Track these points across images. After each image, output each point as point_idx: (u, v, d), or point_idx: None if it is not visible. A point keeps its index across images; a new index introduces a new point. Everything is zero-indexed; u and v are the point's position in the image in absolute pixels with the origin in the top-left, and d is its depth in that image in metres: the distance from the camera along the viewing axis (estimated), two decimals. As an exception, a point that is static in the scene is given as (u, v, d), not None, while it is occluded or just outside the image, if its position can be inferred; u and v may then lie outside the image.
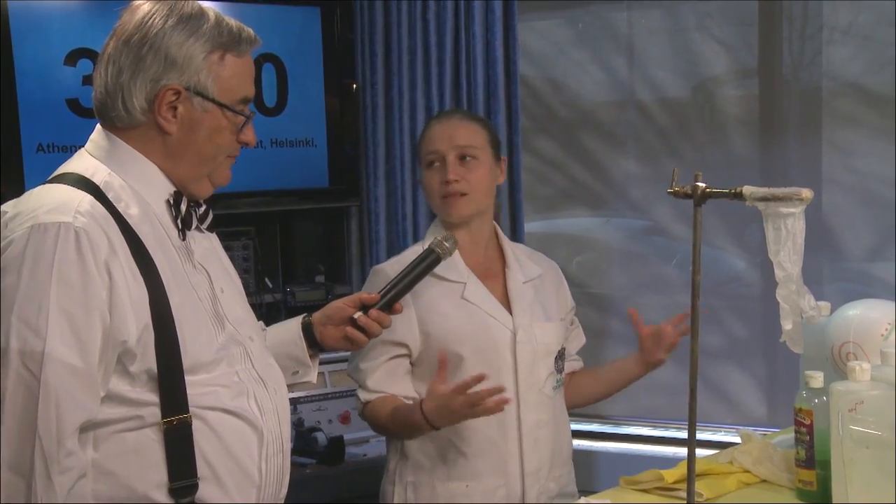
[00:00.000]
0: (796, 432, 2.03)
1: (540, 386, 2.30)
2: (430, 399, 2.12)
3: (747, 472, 2.15)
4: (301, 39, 3.51)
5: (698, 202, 1.47)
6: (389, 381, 2.27)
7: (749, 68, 3.64)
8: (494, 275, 2.36)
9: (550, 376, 2.34)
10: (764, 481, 2.13)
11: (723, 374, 3.74)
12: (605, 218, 3.90)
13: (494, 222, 2.43)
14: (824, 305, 2.54)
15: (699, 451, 3.47)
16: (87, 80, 3.10)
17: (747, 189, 1.43)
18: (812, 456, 2.00)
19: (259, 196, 3.44)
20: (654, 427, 3.70)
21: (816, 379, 2.04)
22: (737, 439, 3.61)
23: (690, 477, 1.45)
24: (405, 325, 2.24)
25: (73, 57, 3.13)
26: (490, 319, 2.27)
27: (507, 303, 2.33)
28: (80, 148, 3.16)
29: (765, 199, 1.41)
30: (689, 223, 3.67)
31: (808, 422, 2.01)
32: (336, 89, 3.59)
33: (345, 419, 3.17)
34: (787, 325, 1.44)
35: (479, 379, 2.04)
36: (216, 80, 1.65)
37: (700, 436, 3.68)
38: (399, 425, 2.23)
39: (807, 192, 1.40)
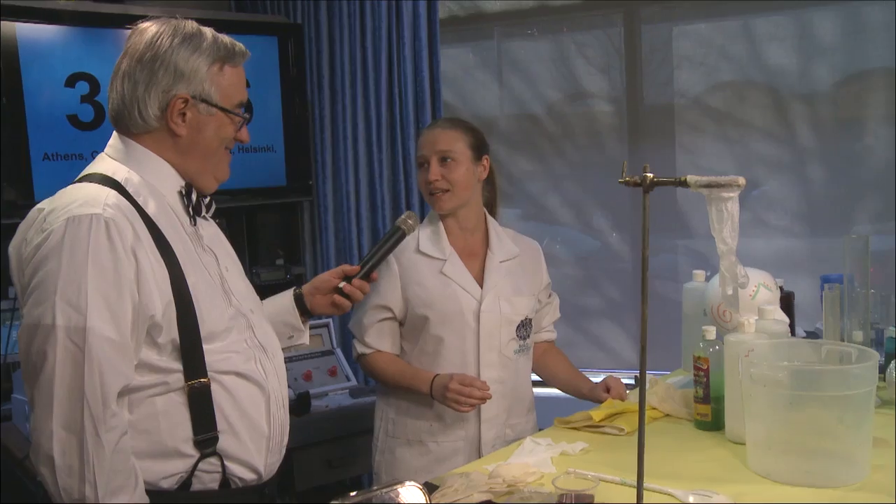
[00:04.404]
0: (695, 375, 2.03)
1: (500, 349, 2.23)
2: (439, 378, 2.12)
3: (654, 409, 2.12)
4: (262, 64, 3.37)
5: (647, 190, 1.40)
6: (381, 339, 2.25)
7: (618, 87, 3.67)
8: (475, 254, 2.28)
9: (512, 341, 2.25)
10: (668, 416, 2.12)
11: (600, 328, 3.75)
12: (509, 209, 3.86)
13: (485, 210, 2.34)
14: (700, 273, 2.54)
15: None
16: (85, 99, 2.98)
17: (692, 178, 1.37)
18: (708, 394, 2.00)
19: (229, 194, 3.27)
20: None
21: (711, 332, 2.04)
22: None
23: (641, 413, 1.38)
24: (392, 291, 2.22)
25: (72, 80, 2.96)
26: (460, 291, 2.20)
27: (481, 278, 2.25)
28: (79, 156, 2.96)
29: (709, 185, 1.34)
30: (576, 213, 3.71)
31: (704, 367, 2.01)
32: (291, 104, 3.46)
33: (307, 377, 3.04)
34: (728, 291, 1.38)
35: (482, 390, 2.07)
36: (218, 88, 1.57)
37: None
38: (403, 382, 2.20)
39: (742, 180, 1.35)
